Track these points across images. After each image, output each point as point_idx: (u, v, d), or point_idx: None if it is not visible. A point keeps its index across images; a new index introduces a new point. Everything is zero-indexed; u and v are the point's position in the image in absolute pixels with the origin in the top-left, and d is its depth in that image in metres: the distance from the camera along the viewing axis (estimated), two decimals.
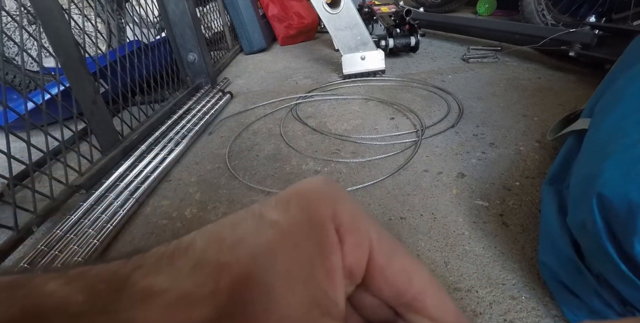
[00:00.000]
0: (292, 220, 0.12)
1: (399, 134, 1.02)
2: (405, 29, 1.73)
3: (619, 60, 0.76)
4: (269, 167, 0.93)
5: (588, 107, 0.67)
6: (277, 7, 2.16)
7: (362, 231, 0.12)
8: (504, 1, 2.53)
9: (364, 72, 1.49)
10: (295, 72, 1.69)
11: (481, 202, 0.73)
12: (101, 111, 0.94)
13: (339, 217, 0.12)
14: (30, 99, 0.77)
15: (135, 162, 0.94)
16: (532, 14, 1.81)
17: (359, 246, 0.12)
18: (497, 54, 1.61)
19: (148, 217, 0.79)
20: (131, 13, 1.35)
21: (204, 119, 1.18)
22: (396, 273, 0.13)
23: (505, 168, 0.83)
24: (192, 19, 1.36)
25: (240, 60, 2.03)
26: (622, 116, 0.49)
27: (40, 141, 0.80)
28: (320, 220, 0.12)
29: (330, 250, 0.12)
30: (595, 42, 1.26)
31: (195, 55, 1.42)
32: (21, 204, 0.70)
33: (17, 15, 0.78)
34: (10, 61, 1.33)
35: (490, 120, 1.06)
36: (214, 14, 1.99)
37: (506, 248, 0.61)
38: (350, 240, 0.12)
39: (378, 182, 0.82)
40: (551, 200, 0.56)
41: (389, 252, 0.13)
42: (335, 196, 0.13)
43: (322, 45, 2.19)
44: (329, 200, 0.13)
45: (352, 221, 0.12)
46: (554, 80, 1.32)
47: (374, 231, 0.13)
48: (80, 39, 0.91)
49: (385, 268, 0.13)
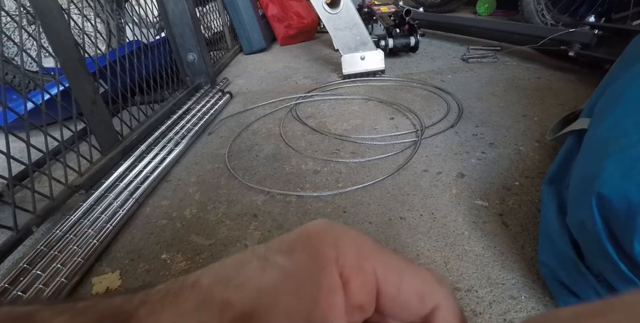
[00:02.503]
0: (295, 264, 0.12)
1: (398, 134, 1.02)
2: (404, 29, 1.73)
3: (618, 60, 0.76)
4: (268, 167, 0.93)
5: (587, 106, 0.67)
6: (277, 7, 2.16)
7: (368, 269, 0.13)
8: (503, 1, 2.53)
9: (363, 72, 1.49)
10: (295, 72, 1.69)
11: (481, 202, 0.73)
12: (101, 111, 0.94)
13: (343, 259, 0.13)
14: (30, 99, 0.77)
15: (134, 162, 0.94)
16: (531, 14, 1.81)
17: (366, 284, 0.13)
18: (497, 54, 1.61)
19: (148, 217, 0.78)
20: (131, 13, 1.35)
21: (204, 119, 1.18)
22: (408, 298, 0.13)
23: (505, 168, 0.83)
24: (192, 19, 1.36)
25: (240, 60, 2.03)
26: (622, 116, 0.49)
27: (40, 141, 0.80)
28: (323, 263, 0.12)
29: (332, 291, 0.12)
30: (594, 42, 1.26)
31: (194, 55, 1.42)
32: (21, 204, 0.70)
33: (16, 15, 0.78)
34: (9, 61, 1.33)
35: (489, 120, 1.06)
36: (214, 14, 1.99)
37: (506, 248, 0.61)
38: (356, 280, 0.12)
39: (378, 182, 0.82)
40: (551, 200, 0.56)
41: (398, 281, 0.13)
42: (339, 238, 0.13)
43: (322, 45, 2.19)
44: (332, 243, 0.13)
45: (357, 261, 0.13)
46: (554, 80, 1.32)
47: (380, 264, 0.13)
48: (79, 39, 0.91)
49: (396, 297, 0.13)
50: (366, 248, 0.13)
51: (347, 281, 0.12)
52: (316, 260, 0.12)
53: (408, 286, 0.13)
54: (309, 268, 0.12)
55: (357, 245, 0.13)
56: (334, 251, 0.13)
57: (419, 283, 0.13)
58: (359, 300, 0.12)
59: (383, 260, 0.13)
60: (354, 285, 0.12)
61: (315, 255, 0.12)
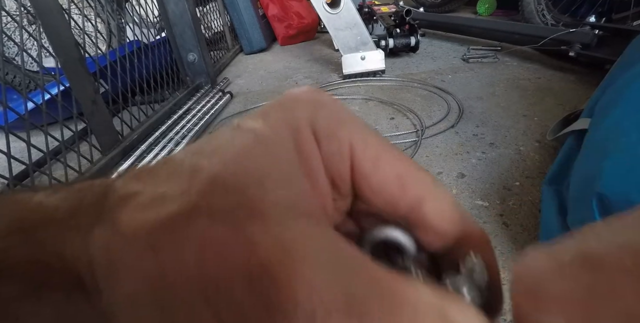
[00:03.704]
0: (267, 126, 0.11)
1: (399, 134, 1.02)
2: (405, 29, 1.73)
3: (619, 60, 0.76)
4: None
5: (588, 107, 0.67)
6: (277, 7, 2.16)
7: (341, 137, 0.12)
8: (504, 1, 2.53)
9: (364, 72, 1.48)
10: (295, 72, 1.69)
11: (481, 202, 0.73)
12: (101, 111, 0.94)
13: (316, 122, 0.12)
14: (30, 99, 0.77)
15: (135, 162, 0.94)
16: (532, 14, 1.81)
17: (337, 153, 0.11)
18: (497, 54, 1.61)
19: None
20: (131, 13, 1.35)
21: (204, 119, 1.18)
22: (385, 181, 0.12)
23: (505, 168, 0.83)
24: (192, 19, 1.36)
25: (240, 60, 2.03)
26: (622, 116, 0.49)
27: (40, 141, 0.80)
28: (296, 124, 0.11)
29: (308, 154, 0.11)
30: (595, 42, 1.26)
31: (195, 55, 1.42)
32: None
33: (17, 15, 0.78)
34: (10, 61, 1.33)
35: (490, 120, 1.06)
36: (214, 14, 1.99)
37: (506, 248, 0.61)
38: (327, 146, 0.11)
39: None
40: (551, 200, 0.56)
41: (375, 158, 0.12)
42: (316, 101, 0.12)
43: (322, 45, 2.19)
44: (307, 105, 0.12)
45: (329, 126, 0.12)
46: (554, 80, 1.32)
47: (358, 136, 0.12)
48: (80, 39, 0.91)
49: (371, 176, 0.12)
50: (345, 117, 0.12)
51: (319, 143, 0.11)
52: (289, 121, 0.11)
53: (385, 164, 0.12)
54: (282, 129, 0.11)
55: (334, 111, 0.12)
56: (307, 113, 0.12)
57: (399, 166, 0.12)
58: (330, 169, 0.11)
59: (361, 133, 0.12)
60: (324, 151, 0.11)
61: (288, 117, 0.11)
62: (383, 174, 0.12)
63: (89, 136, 0.93)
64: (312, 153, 0.11)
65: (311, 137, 0.11)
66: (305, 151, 0.11)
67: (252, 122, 0.12)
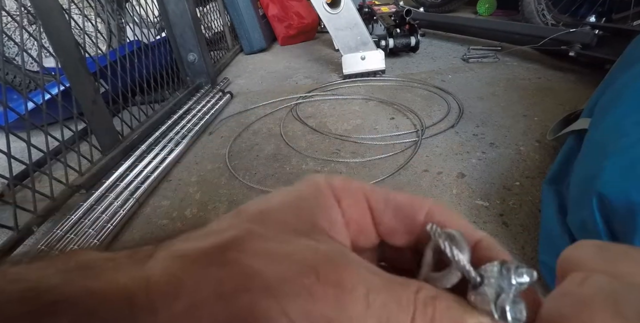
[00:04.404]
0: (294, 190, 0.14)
1: (399, 134, 1.02)
2: (405, 29, 1.73)
3: (619, 60, 0.76)
4: (269, 167, 0.93)
5: (588, 106, 0.67)
6: (277, 7, 2.16)
7: (356, 189, 0.14)
8: (504, 1, 2.52)
9: (364, 72, 1.48)
10: (296, 72, 1.69)
11: (481, 202, 0.73)
12: (101, 111, 0.94)
13: (332, 184, 0.14)
14: (31, 98, 0.77)
15: (135, 162, 0.94)
16: (532, 14, 1.81)
17: (357, 201, 0.14)
18: (497, 54, 1.61)
19: (148, 217, 0.79)
20: (131, 13, 1.35)
21: (204, 119, 1.18)
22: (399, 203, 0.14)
23: (506, 168, 0.83)
24: (192, 19, 1.36)
25: (240, 60, 2.03)
26: (622, 116, 0.49)
27: (41, 141, 0.80)
28: (318, 187, 0.14)
29: (329, 205, 0.14)
30: (595, 42, 1.26)
31: (195, 55, 1.42)
32: (21, 204, 0.70)
33: (17, 15, 0.78)
34: (10, 61, 1.33)
35: (490, 120, 1.06)
36: (214, 14, 1.99)
37: (506, 248, 0.61)
38: (347, 197, 0.14)
39: (378, 182, 0.82)
40: (551, 200, 0.56)
41: (385, 193, 0.15)
42: (327, 175, 0.15)
43: (322, 45, 2.19)
44: (322, 176, 0.15)
45: (344, 184, 0.14)
46: (554, 80, 1.32)
47: (367, 187, 0.15)
48: (80, 39, 0.91)
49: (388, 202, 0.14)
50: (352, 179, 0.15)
51: (338, 199, 0.14)
52: (312, 186, 0.14)
53: (397, 195, 0.14)
54: (306, 192, 0.14)
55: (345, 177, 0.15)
56: (324, 179, 0.15)
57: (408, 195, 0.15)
58: (352, 214, 0.14)
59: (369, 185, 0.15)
60: (345, 203, 0.14)
61: (311, 184, 0.14)
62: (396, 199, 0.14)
63: (89, 136, 0.93)
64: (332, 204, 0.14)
65: (330, 193, 0.14)
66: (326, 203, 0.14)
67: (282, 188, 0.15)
